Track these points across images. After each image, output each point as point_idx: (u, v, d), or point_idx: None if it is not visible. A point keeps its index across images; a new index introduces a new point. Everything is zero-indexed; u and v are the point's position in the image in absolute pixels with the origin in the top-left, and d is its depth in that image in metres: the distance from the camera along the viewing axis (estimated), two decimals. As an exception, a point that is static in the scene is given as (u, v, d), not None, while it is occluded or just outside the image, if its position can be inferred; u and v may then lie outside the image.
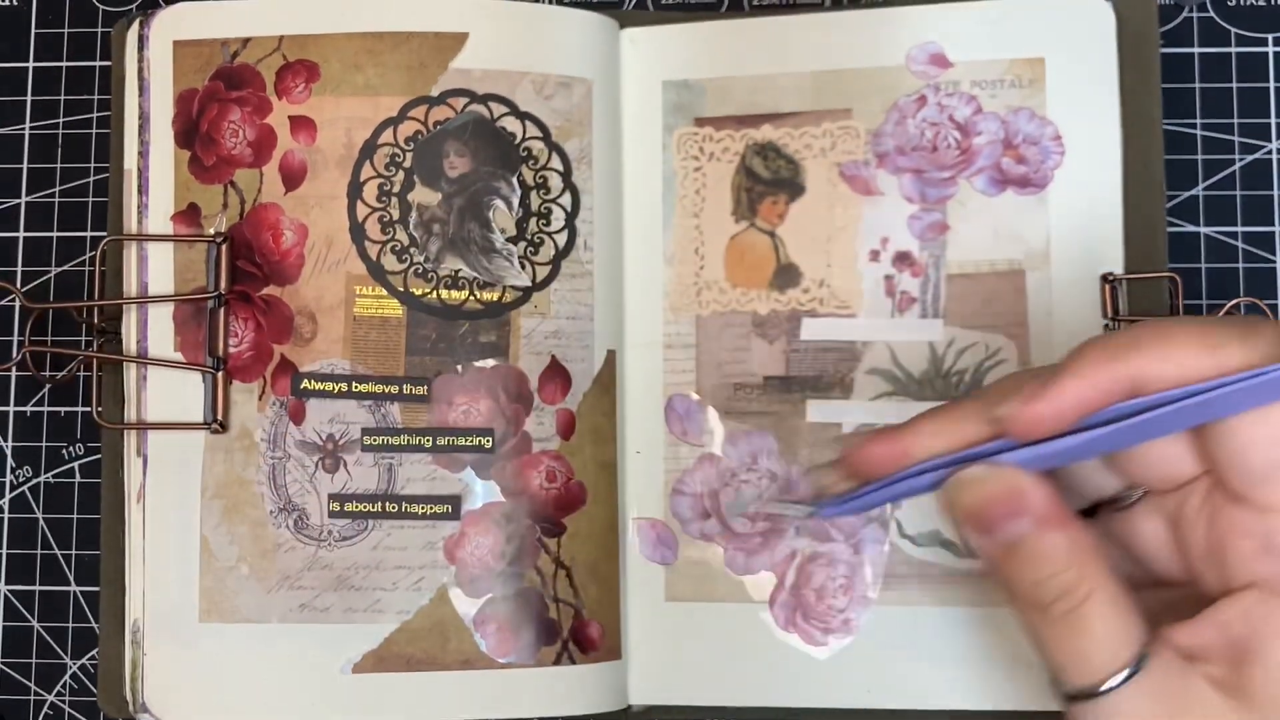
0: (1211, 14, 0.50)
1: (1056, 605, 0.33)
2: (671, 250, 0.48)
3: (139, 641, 0.46)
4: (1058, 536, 0.33)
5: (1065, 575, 0.33)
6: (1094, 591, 0.33)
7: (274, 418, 0.46)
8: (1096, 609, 0.33)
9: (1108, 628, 0.33)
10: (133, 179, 0.47)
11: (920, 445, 0.35)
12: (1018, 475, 0.34)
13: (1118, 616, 0.33)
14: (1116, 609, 0.33)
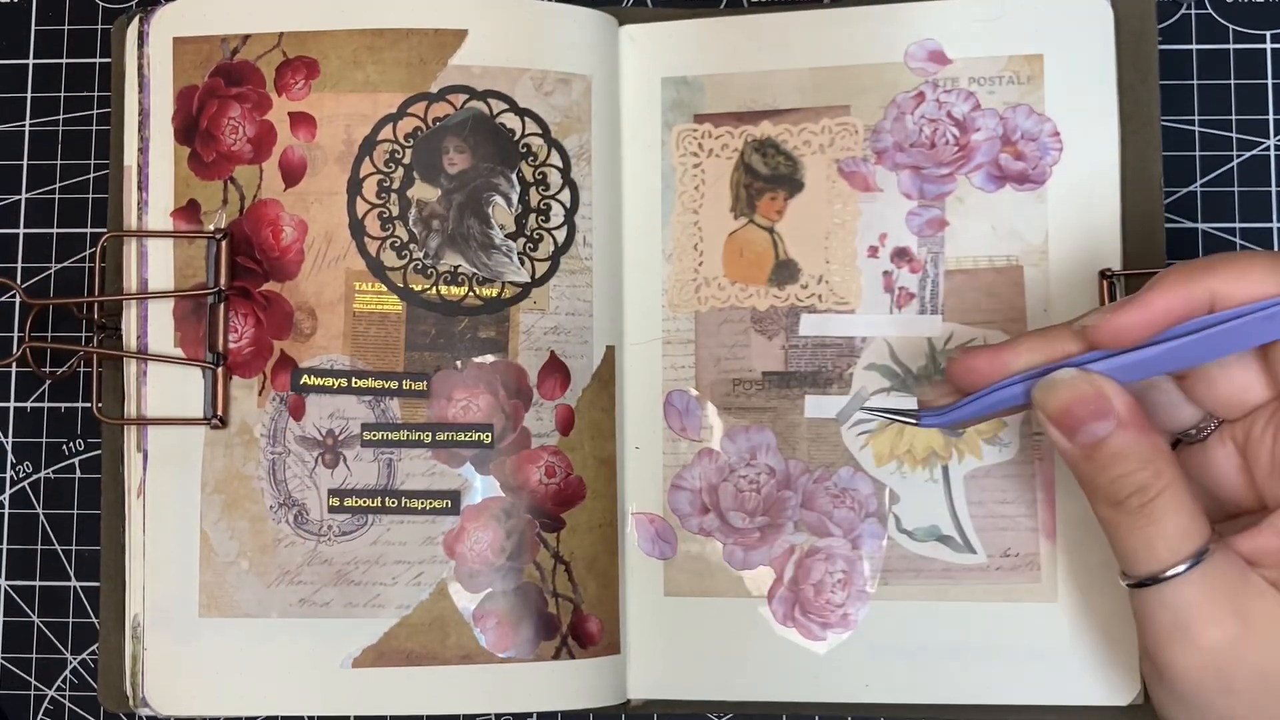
0: (1209, 11, 0.50)
1: (1131, 500, 0.37)
2: (670, 246, 0.48)
3: (139, 636, 0.46)
4: (1137, 437, 0.37)
5: (1141, 473, 0.37)
6: (1166, 489, 0.36)
7: (274, 413, 0.46)
8: (1167, 504, 0.36)
9: (1176, 521, 0.36)
10: (133, 175, 0.48)
11: (1017, 358, 0.39)
12: (1103, 381, 0.38)
13: (1185, 513, 0.36)
14: (1185, 506, 0.36)
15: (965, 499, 0.46)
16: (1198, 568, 0.36)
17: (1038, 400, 0.38)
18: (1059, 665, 0.45)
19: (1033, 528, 0.46)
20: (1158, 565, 0.36)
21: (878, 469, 0.47)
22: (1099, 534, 0.45)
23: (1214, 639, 0.36)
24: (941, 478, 0.46)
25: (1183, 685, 0.37)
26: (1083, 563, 0.45)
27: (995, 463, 0.46)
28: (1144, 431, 0.37)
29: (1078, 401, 0.37)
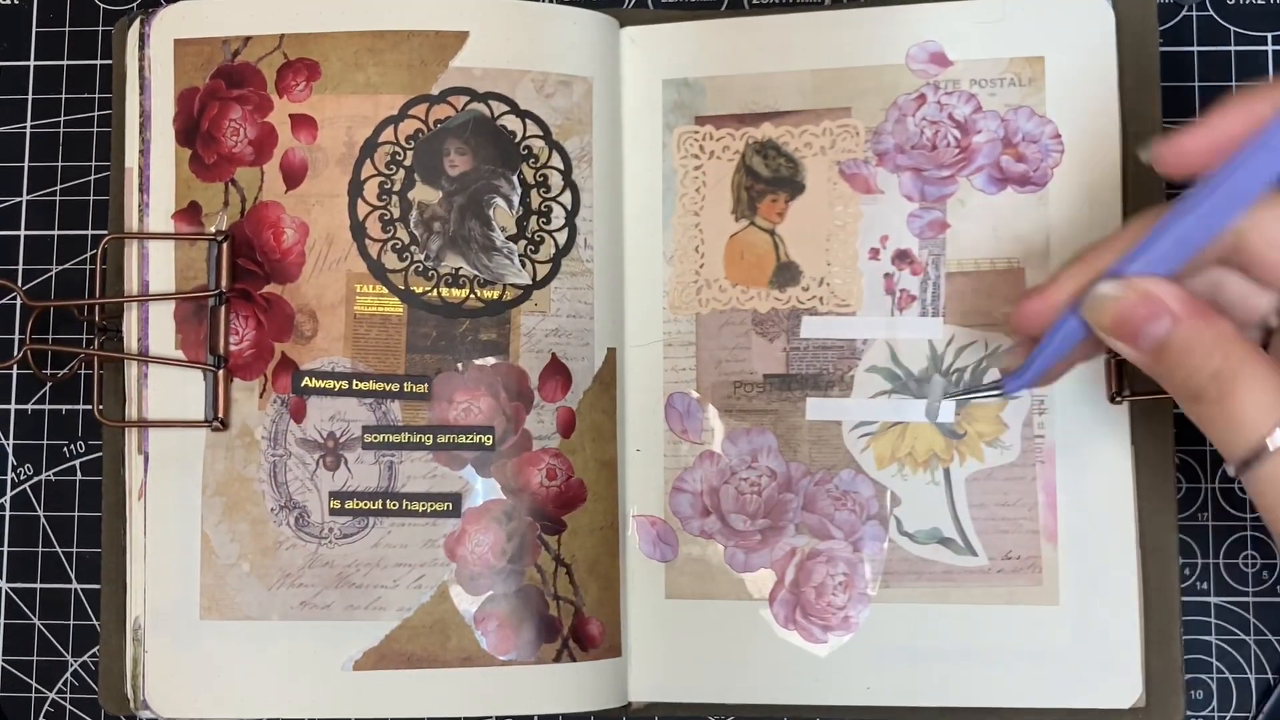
0: (1211, 13, 0.50)
1: (1209, 389, 0.36)
2: (671, 248, 0.48)
3: (140, 639, 0.46)
4: (1198, 327, 0.36)
5: (1212, 361, 0.36)
6: (1240, 368, 0.35)
7: (275, 415, 0.46)
8: (1245, 382, 0.35)
9: (1258, 397, 0.35)
10: (134, 177, 0.48)
11: (1062, 289, 0.38)
12: (1147, 281, 0.37)
13: (1267, 386, 0.35)
14: (1265, 380, 0.35)
15: (966, 501, 0.46)
16: None
17: (1091, 321, 0.38)
18: (1060, 668, 0.45)
19: (1034, 530, 0.46)
20: (1249, 444, 0.35)
21: (879, 471, 0.47)
22: (1101, 536, 0.45)
23: None
24: (943, 480, 0.46)
25: None
26: (1084, 566, 0.45)
27: (996, 465, 0.46)
28: (1206, 319, 0.36)
29: (1127, 309, 0.37)
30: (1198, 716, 0.47)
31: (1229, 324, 0.36)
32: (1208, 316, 0.36)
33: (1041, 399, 0.46)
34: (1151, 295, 0.37)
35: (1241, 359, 0.36)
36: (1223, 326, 0.36)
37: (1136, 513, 0.46)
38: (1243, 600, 0.47)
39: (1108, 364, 0.46)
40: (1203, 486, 0.48)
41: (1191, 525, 0.48)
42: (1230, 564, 0.48)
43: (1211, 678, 0.47)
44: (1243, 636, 0.47)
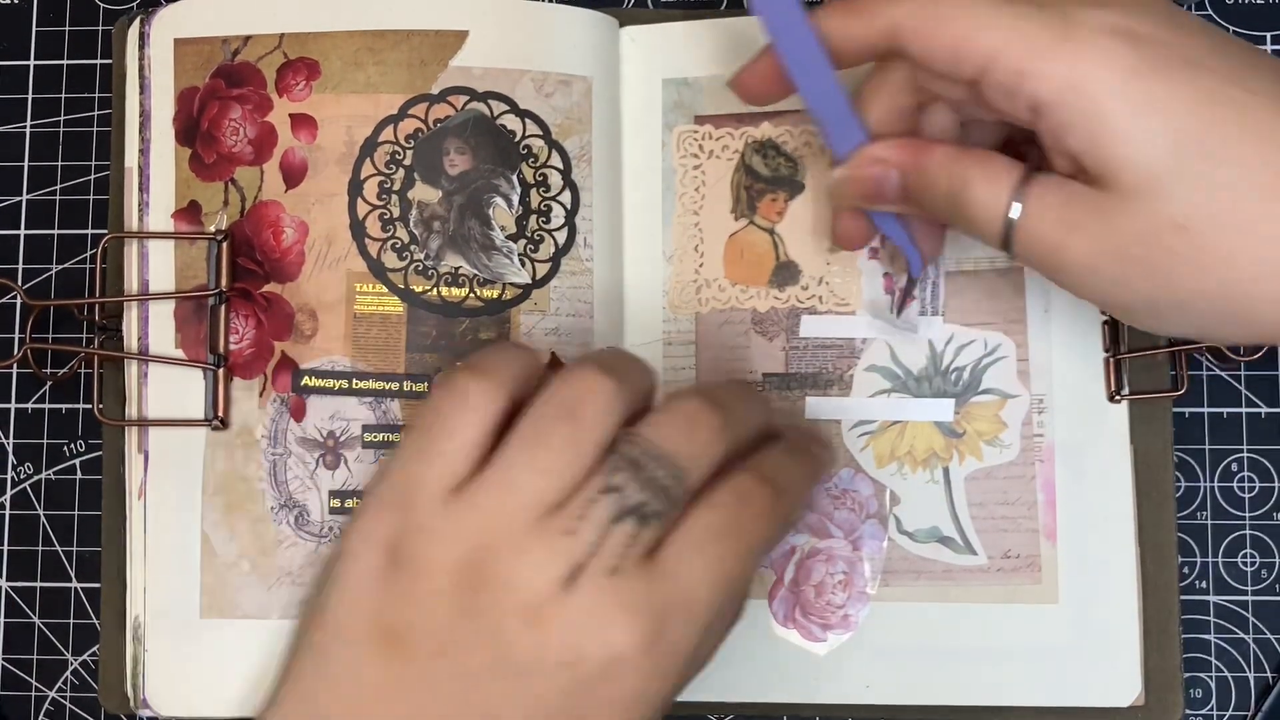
0: (1209, 12, 0.50)
1: (954, 209, 0.38)
2: (671, 248, 0.48)
3: (140, 638, 0.46)
4: (918, 163, 0.39)
5: (941, 184, 0.38)
6: (965, 175, 0.38)
7: (275, 414, 0.46)
8: (973, 185, 0.37)
9: (986, 187, 0.37)
10: (134, 177, 0.48)
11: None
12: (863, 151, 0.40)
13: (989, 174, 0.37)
14: (985, 171, 0.37)
15: (966, 500, 0.46)
16: (1028, 202, 0.37)
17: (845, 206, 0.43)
18: (1060, 666, 0.45)
19: (1033, 529, 0.46)
20: (999, 229, 0.37)
21: (878, 471, 0.47)
22: (1100, 535, 0.45)
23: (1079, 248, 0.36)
24: (942, 479, 0.46)
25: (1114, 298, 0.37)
26: (1084, 564, 0.46)
27: (996, 464, 0.46)
28: (921, 153, 0.39)
29: (860, 182, 0.40)
30: (1197, 715, 0.47)
31: (943, 145, 0.39)
32: (922, 149, 0.39)
33: (1041, 398, 0.46)
34: (869, 158, 0.40)
35: (963, 169, 0.38)
36: (937, 151, 0.39)
37: (1135, 511, 0.46)
38: (1242, 599, 0.47)
39: (1107, 363, 0.46)
40: (1202, 485, 0.48)
41: (1191, 524, 0.48)
42: (1229, 563, 0.48)
43: (1210, 676, 0.47)
44: (1242, 635, 0.47)
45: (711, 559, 0.35)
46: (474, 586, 0.34)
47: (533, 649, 0.33)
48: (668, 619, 0.34)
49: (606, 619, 0.33)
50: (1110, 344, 0.46)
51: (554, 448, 0.34)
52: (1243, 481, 0.48)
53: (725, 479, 0.36)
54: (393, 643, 0.34)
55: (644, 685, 0.34)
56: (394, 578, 0.34)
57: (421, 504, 0.35)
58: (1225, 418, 0.48)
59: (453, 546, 0.34)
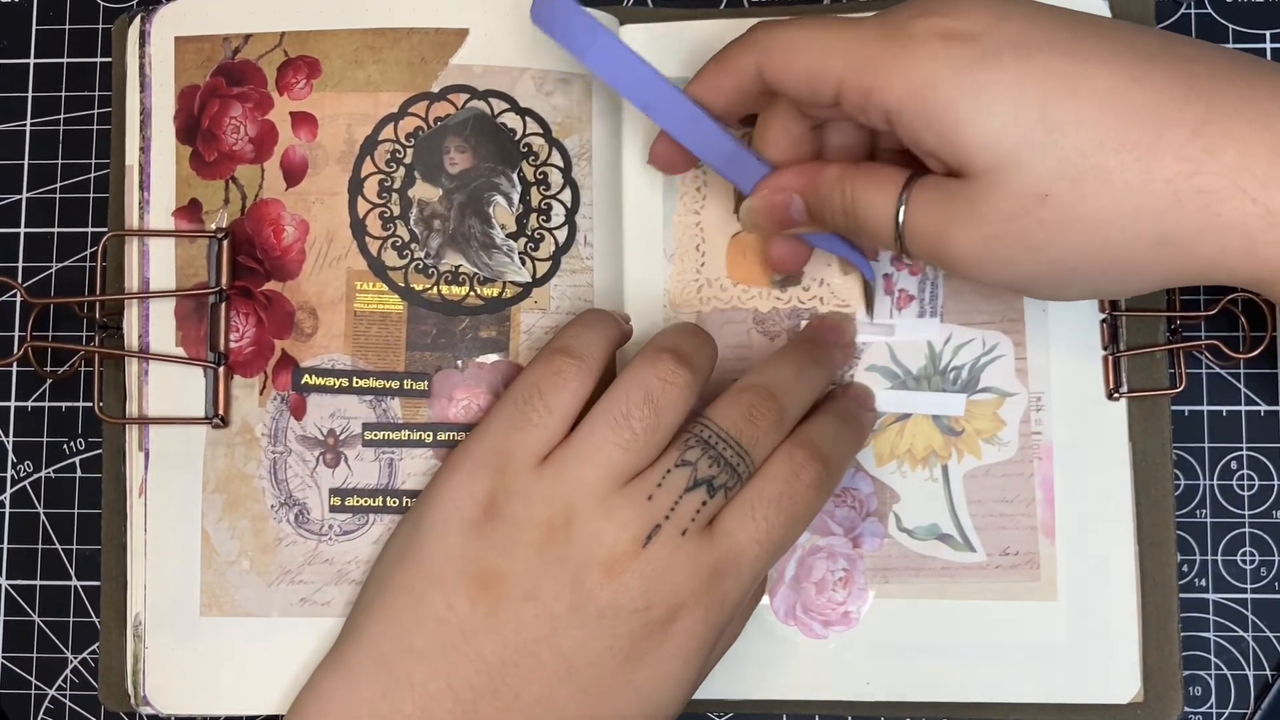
0: (1209, 10, 0.50)
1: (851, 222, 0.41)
2: (672, 247, 0.48)
3: (140, 635, 0.46)
4: (813, 184, 0.42)
5: (835, 201, 0.41)
6: (854, 190, 0.40)
7: (275, 413, 0.46)
8: (862, 198, 0.40)
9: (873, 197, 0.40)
10: (134, 175, 0.48)
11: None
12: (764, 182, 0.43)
13: (875, 185, 0.40)
14: (871, 182, 0.40)
15: (965, 498, 0.46)
16: (911, 200, 0.39)
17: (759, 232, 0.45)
18: (1058, 663, 0.45)
19: (1032, 526, 0.46)
20: (890, 233, 0.40)
21: (878, 469, 0.47)
22: (1099, 532, 0.46)
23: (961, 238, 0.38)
24: (941, 477, 0.47)
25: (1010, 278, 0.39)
26: (1082, 562, 0.46)
27: (994, 462, 0.46)
28: (814, 175, 0.42)
29: (767, 211, 0.43)
30: (1196, 713, 0.47)
31: (833, 165, 0.41)
32: (815, 171, 0.42)
33: (1039, 396, 0.46)
34: (771, 188, 0.42)
35: (851, 182, 0.41)
36: (828, 171, 0.41)
37: (1134, 509, 0.46)
38: (1241, 597, 0.48)
39: (1105, 361, 0.46)
40: (1201, 483, 0.48)
41: (1190, 522, 0.48)
42: (1229, 560, 0.48)
43: (1210, 674, 0.47)
44: (1241, 633, 0.47)
45: (762, 524, 0.40)
46: (562, 540, 0.39)
47: (611, 596, 0.39)
48: (723, 573, 0.39)
49: (674, 572, 0.39)
50: (1109, 342, 0.46)
51: (635, 430, 0.40)
52: (1242, 479, 0.48)
53: (780, 451, 0.41)
54: (484, 586, 0.39)
55: (699, 629, 0.39)
56: (488, 530, 0.40)
57: (515, 468, 0.40)
58: (1224, 415, 0.48)
59: (543, 506, 0.39)
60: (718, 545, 0.39)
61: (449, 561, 0.40)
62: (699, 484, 0.40)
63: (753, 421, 0.41)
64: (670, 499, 0.39)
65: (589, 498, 0.39)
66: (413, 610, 0.40)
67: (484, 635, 0.39)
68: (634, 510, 0.39)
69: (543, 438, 0.40)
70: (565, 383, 0.41)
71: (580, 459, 0.40)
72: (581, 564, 0.39)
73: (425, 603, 0.40)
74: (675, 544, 0.39)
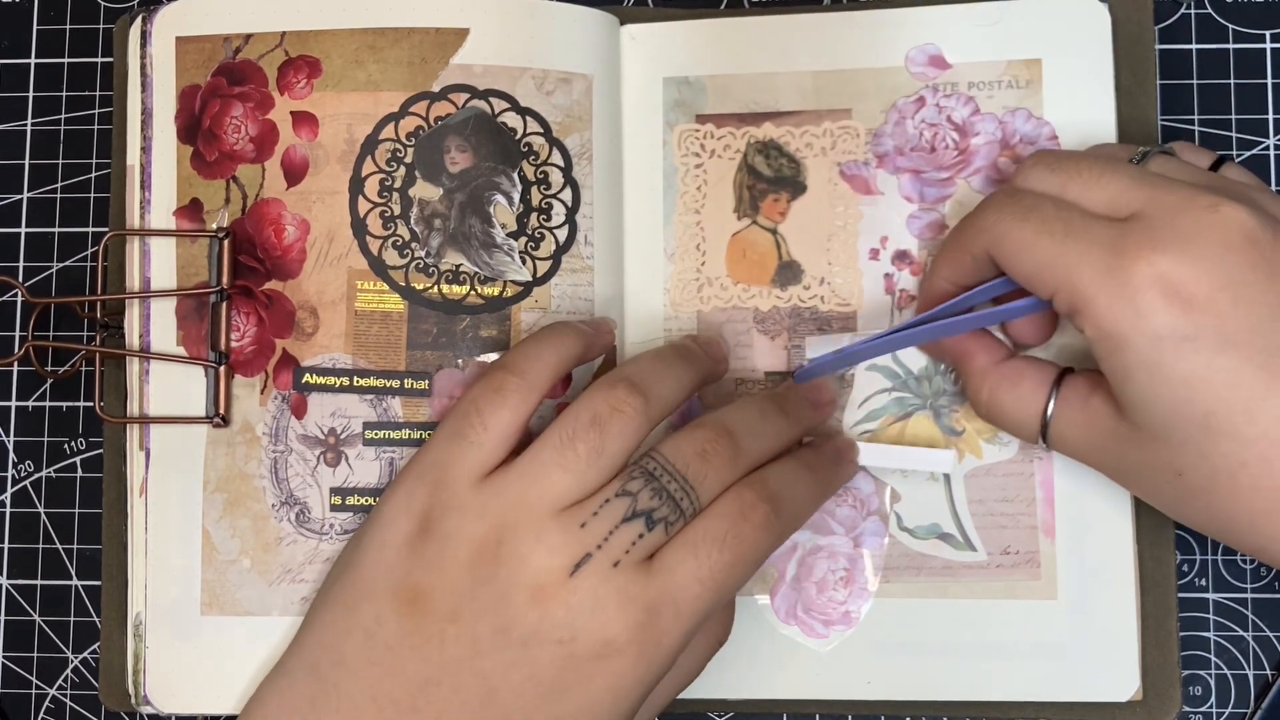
0: (1209, 10, 0.50)
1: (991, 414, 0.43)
2: (673, 246, 0.48)
3: (141, 635, 0.46)
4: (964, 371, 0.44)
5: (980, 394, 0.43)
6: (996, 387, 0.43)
7: (276, 412, 0.46)
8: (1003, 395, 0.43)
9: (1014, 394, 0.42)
10: (135, 174, 0.48)
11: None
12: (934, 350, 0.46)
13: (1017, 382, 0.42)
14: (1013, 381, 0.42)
15: (965, 497, 0.46)
16: (1057, 406, 0.41)
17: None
18: (1059, 661, 0.45)
19: (1033, 525, 0.46)
20: (1034, 428, 0.42)
21: (879, 468, 0.47)
22: (1098, 532, 0.46)
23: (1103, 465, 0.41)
24: (942, 476, 0.47)
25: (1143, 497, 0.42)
26: (1082, 560, 0.46)
27: (995, 461, 0.46)
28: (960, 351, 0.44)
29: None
30: (1196, 713, 0.47)
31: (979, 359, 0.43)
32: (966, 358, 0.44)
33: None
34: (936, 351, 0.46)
35: (995, 381, 0.43)
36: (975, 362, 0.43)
37: (1134, 508, 0.46)
38: (1241, 596, 0.48)
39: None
40: (1201, 483, 0.48)
41: (1189, 522, 0.48)
42: (1229, 560, 0.48)
43: (1209, 674, 0.47)
44: (1241, 633, 0.47)
45: (704, 562, 0.38)
46: (492, 559, 0.38)
47: (535, 623, 0.37)
48: (658, 612, 0.38)
49: (603, 605, 0.37)
50: (1110, 342, 0.46)
51: (580, 453, 0.39)
52: (1242, 479, 0.48)
53: (730, 490, 0.40)
54: (413, 602, 0.38)
55: (630, 669, 0.37)
56: (422, 545, 0.39)
57: (453, 484, 0.39)
58: (1224, 416, 0.48)
59: (478, 523, 0.38)
60: (654, 581, 0.38)
61: (381, 576, 0.39)
62: (637, 515, 0.38)
63: (703, 458, 0.40)
64: (604, 528, 0.38)
65: (523, 519, 0.38)
66: (344, 622, 0.39)
67: (408, 652, 0.38)
68: (564, 536, 0.38)
69: (478, 456, 0.40)
70: (504, 400, 0.40)
71: (521, 478, 0.39)
72: (508, 586, 0.38)
73: (356, 615, 0.39)
74: (604, 576, 0.37)
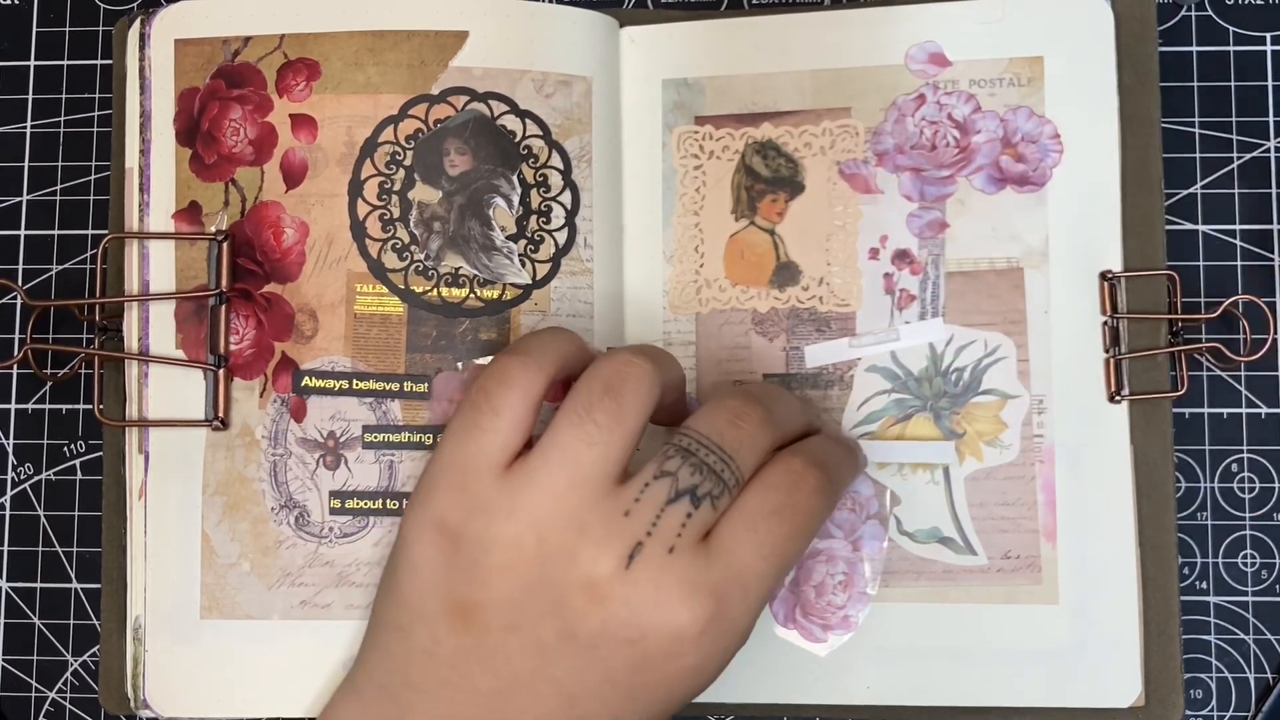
0: (1210, 12, 0.50)
1: None
2: (672, 248, 0.48)
3: (140, 638, 0.46)
4: None
5: None
6: None
7: (275, 415, 0.46)
8: None
9: None
10: (134, 177, 0.48)
11: None
12: None
13: None
14: None
15: (966, 501, 0.46)
16: None
17: None
18: (1059, 667, 0.45)
19: (1033, 530, 0.46)
20: None
21: (879, 471, 0.47)
22: (1100, 536, 0.45)
23: None
24: (942, 480, 0.46)
25: None
26: (1083, 565, 0.46)
27: (996, 465, 0.46)
28: None
29: None
30: (1197, 715, 0.47)
31: None
32: None
33: (1041, 399, 0.46)
34: None
35: None
36: None
37: (1136, 512, 0.46)
38: (1242, 600, 0.48)
39: (1107, 363, 0.46)
40: (1202, 486, 0.48)
41: (1191, 525, 0.48)
42: (1229, 563, 0.48)
43: (1211, 677, 0.47)
44: (1242, 636, 0.47)
45: (764, 536, 0.37)
46: (538, 560, 0.36)
47: (598, 624, 0.35)
48: (725, 596, 0.36)
49: (666, 597, 0.35)
50: (1110, 344, 0.46)
51: (599, 422, 0.37)
52: (1243, 482, 0.48)
53: (777, 461, 0.38)
54: (466, 617, 0.36)
55: (704, 660, 0.36)
56: (455, 555, 0.37)
57: (477, 482, 0.37)
58: (1225, 418, 0.48)
59: (513, 522, 0.36)
60: (716, 564, 0.36)
61: (426, 593, 0.37)
62: (681, 494, 0.36)
63: (735, 424, 0.38)
64: (650, 513, 0.36)
65: (558, 511, 0.36)
66: (402, 645, 0.38)
67: (474, 667, 0.37)
68: (609, 527, 0.36)
69: (495, 442, 0.37)
70: (511, 380, 0.38)
71: (546, 464, 0.37)
72: (561, 587, 0.36)
73: (413, 638, 0.38)
74: (663, 564, 0.35)
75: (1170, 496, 0.46)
